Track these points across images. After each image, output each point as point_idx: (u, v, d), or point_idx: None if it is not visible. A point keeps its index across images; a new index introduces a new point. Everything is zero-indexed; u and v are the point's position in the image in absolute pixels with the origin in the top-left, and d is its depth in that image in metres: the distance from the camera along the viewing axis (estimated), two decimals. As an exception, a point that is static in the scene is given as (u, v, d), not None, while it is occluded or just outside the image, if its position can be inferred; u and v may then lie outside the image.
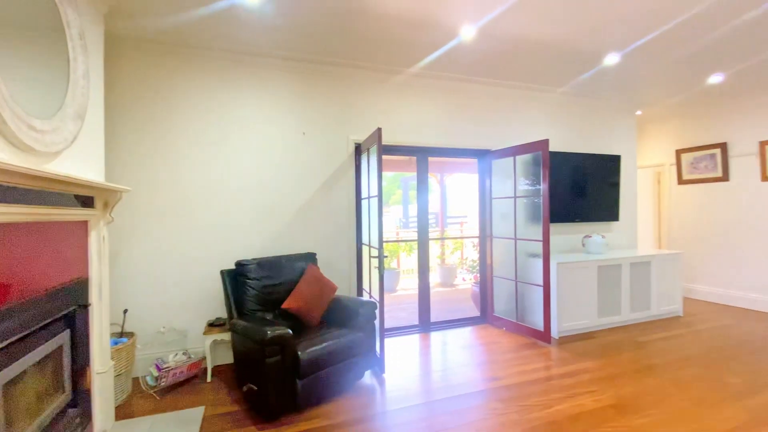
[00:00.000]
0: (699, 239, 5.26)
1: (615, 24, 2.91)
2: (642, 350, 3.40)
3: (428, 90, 3.98)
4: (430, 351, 3.50)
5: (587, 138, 4.73)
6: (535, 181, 3.91)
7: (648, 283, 4.25)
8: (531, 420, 2.30)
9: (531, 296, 3.91)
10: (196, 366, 2.89)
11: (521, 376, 2.91)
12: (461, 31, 2.99)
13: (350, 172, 3.67)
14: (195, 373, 2.91)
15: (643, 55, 3.51)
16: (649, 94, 4.72)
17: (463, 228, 8.82)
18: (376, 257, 3.01)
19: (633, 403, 2.47)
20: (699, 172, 5.24)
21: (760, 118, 4.59)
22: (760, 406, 2.40)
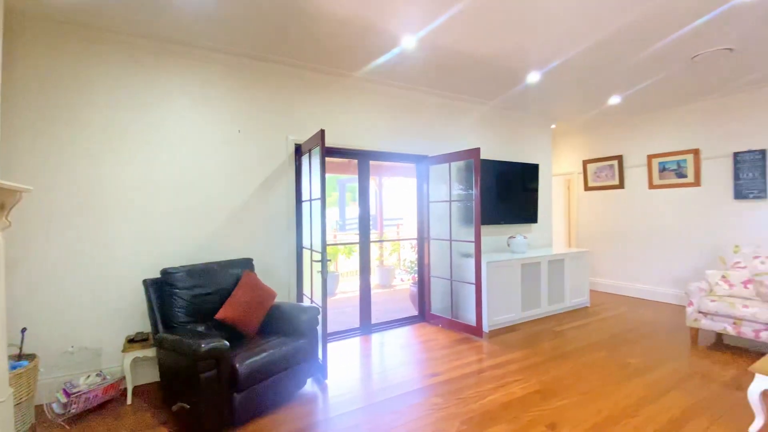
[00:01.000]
0: (601, 238, 6.03)
1: (537, 44, 3.23)
2: (559, 339, 3.80)
3: (372, 95, 4.03)
4: (371, 353, 3.53)
5: (512, 147, 5.17)
6: (468, 186, 4.17)
7: (562, 278, 4.77)
8: (468, 411, 2.44)
9: (464, 294, 4.16)
10: (114, 388, 2.58)
11: (457, 370, 3.07)
12: (402, 41, 3.09)
13: (290, 174, 3.56)
14: (112, 396, 2.59)
15: (558, 76, 3.94)
16: (563, 111, 5.32)
17: (399, 230, 9.05)
18: (318, 261, 2.97)
19: (554, 387, 2.75)
20: (601, 180, 6.02)
21: (647, 135, 5.42)
22: (654, 381, 2.83)
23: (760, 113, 4.33)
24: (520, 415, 2.38)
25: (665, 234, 5.21)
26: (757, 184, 4.32)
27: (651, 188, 5.38)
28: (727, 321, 3.35)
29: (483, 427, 2.26)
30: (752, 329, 3.21)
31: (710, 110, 4.75)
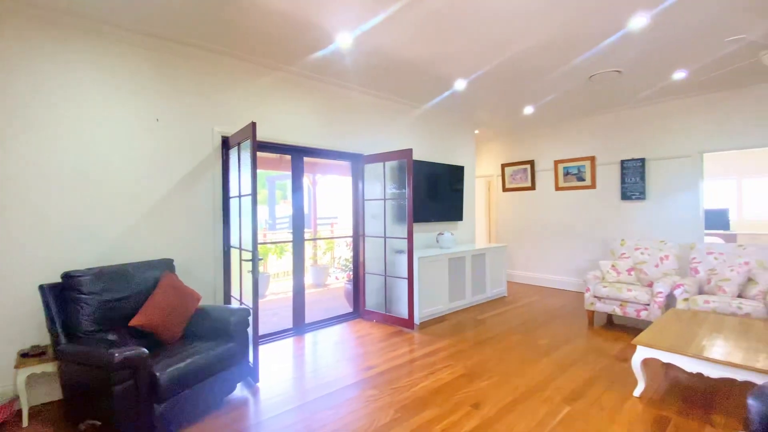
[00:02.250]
0: (517, 235, 6.66)
1: (463, 53, 3.47)
2: (481, 326, 4.13)
3: (308, 90, 3.96)
4: (305, 352, 3.48)
5: (441, 150, 5.46)
6: (401, 185, 4.31)
7: (484, 271, 5.18)
8: (401, 400, 2.54)
9: (397, 289, 4.30)
10: (6, 410, 2.20)
11: (391, 362, 3.18)
12: (338, 38, 3.10)
13: (216, 168, 3.36)
14: (5, 419, 2.21)
15: (482, 85, 4.27)
16: (485, 118, 5.77)
17: (334, 229, 8.99)
18: (249, 260, 2.85)
19: (478, 370, 2.99)
20: (516, 182, 6.64)
21: (554, 142, 6.11)
22: (560, 358, 3.22)
23: (641, 128, 5.16)
24: (449, 398, 2.55)
25: (568, 230, 5.94)
26: (638, 188, 5.14)
27: (557, 190, 6.08)
28: (616, 303, 3.95)
29: (415, 413, 2.38)
30: (634, 309, 3.82)
31: (604, 123, 5.53)
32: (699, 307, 3.40)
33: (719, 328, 2.75)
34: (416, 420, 2.30)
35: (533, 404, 2.47)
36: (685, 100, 4.76)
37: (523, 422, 2.27)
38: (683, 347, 2.39)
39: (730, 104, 4.45)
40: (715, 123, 4.56)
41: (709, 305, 3.36)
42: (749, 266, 3.58)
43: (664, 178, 4.96)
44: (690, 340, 2.50)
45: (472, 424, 2.25)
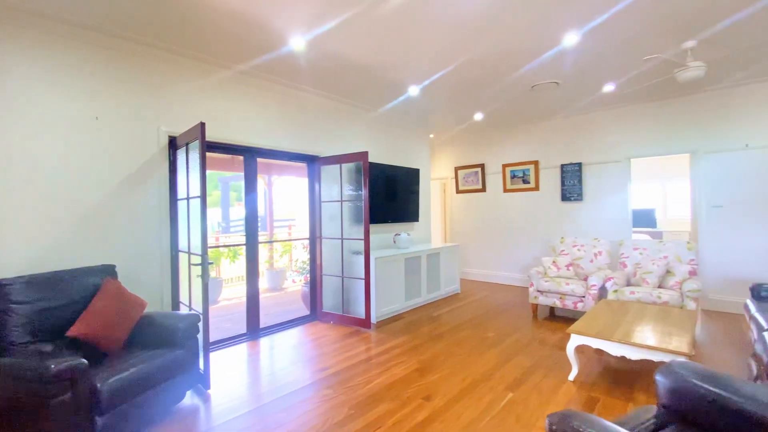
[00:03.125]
0: (469, 234, 6.96)
1: (415, 61, 3.61)
2: (435, 322, 4.29)
3: (262, 91, 3.91)
4: (259, 356, 3.44)
5: (397, 153, 5.60)
6: (358, 187, 4.38)
7: (438, 269, 5.37)
8: (356, 397, 2.60)
9: (355, 289, 4.35)
10: None
11: (347, 361, 3.23)
12: (291, 41, 3.11)
13: (162, 169, 3.23)
14: None
15: (435, 91, 4.45)
16: (439, 123, 5.99)
17: (291, 231, 8.85)
18: (198, 264, 2.78)
19: (431, 365, 3.12)
20: (469, 185, 6.95)
21: (502, 147, 6.47)
22: (506, 349, 3.44)
23: (578, 135, 5.61)
24: (402, 393, 2.65)
25: (515, 229, 6.31)
26: (576, 190, 5.58)
27: (505, 192, 6.44)
28: (556, 296, 4.27)
29: (369, 409, 2.45)
30: (572, 301, 4.16)
31: (546, 130, 5.94)
32: (626, 298, 3.78)
33: (641, 315, 3.08)
34: (370, 415, 2.37)
35: (479, 393, 2.63)
36: (615, 110, 5.25)
37: (469, 410, 2.41)
38: (609, 334, 2.66)
39: (653, 115, 4.98)
40: (641, 132, 5.07)
41: (634, 295, 3.75)
42: (668, 260, 4.03)
43: (598, 181, 5.43)
44: (615, 327, 2.79)
45: (423, 416, 2.36)
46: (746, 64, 3.79)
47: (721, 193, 4.49)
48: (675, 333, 2.64)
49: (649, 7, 2.70)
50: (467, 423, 2.28)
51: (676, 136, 4.81)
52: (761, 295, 3.39)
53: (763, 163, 4.25)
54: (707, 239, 4.58)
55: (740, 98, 4.37)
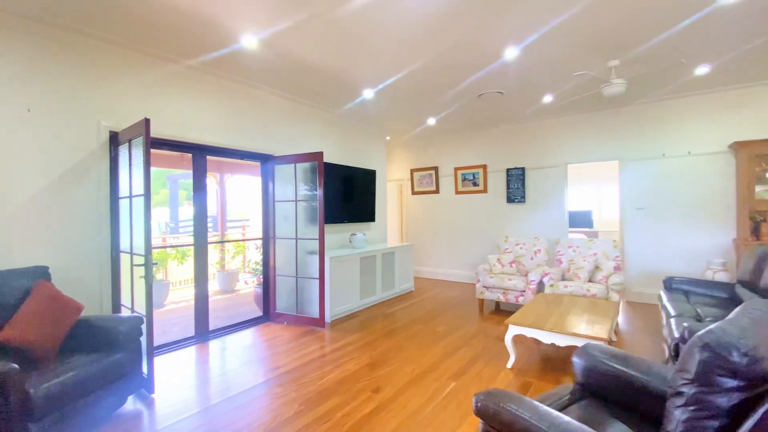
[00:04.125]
0: (424, 234, 7.20)
1: (369, 64, 3.72)
2: (388, 319, 4.42)
3: (213, 87, 3.83)
4: (208, 359, 3.37)
5: (353, 154, 5.68)
6: (313, 187, 4.40)
7: (393, 268, 5.52)
8: (307, 393, 2.66)
9: (309, 289, 4.37)
10: None
11: (299, 360, 3.26)
12: (242, 39, 3.09)
13: (102, 165, 3.08)
14: None
15: (390, 95, 4.58)
16: (395, 126, 6.14)
17: (245, 231, 8.62)
18: (142, 265, 2.69)
19: (382, 359, 3.24)
20: (423, 186, 7.18)
21: (454, 151, 6.76)
22: (452, 342, 3.64)
23: (522, 141, 6.01)
24: (351, 387, 2.74)
25: (466, 229, 6.63)
26: (520, 192, 5.98)
27: (457, 194, 6.75)
28: (500, 291, 4.57)
29: (319, 404, 2.51)
30: (514, 296, 4.47)
31: (493, 136, 6.30)
32: (560, 291, 4.13)
33: (572, 307, 3.40)
34: (320, 410, 2.44)
35: (425, 383, 2.78)
36: (554, 119, 5.70)
37: (415, 400, 2.55)
38: (542, 324, 2.93)
39: (586, 125, 5.46)
40: (576, 140, 5.54)
41: (567, 289, 4.11)
42: (597, 256, 4.45)
43: (539, 185, 5.86)
44: (548, 318, 3.07)
45: (371, 407, 2.46)
46: (661, 83, 4.29)
47: (643, 197, 5.04)
48: (598, 321, 2.96)
49: (578, 29, 3.00)
50: (412, 411, 2.41)
51: (606, 144, 5.32)
52: (672, 287, 3.86)
53: (677, 170, 4.82)
54: (631, 238, 5.11)
55: (658, 113, 4.93)
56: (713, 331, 1.03)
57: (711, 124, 4.61)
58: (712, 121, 4.60)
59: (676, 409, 1.05)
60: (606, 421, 1.60)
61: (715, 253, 4.57)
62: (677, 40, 3.20)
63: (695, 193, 4.71)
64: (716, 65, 3.79)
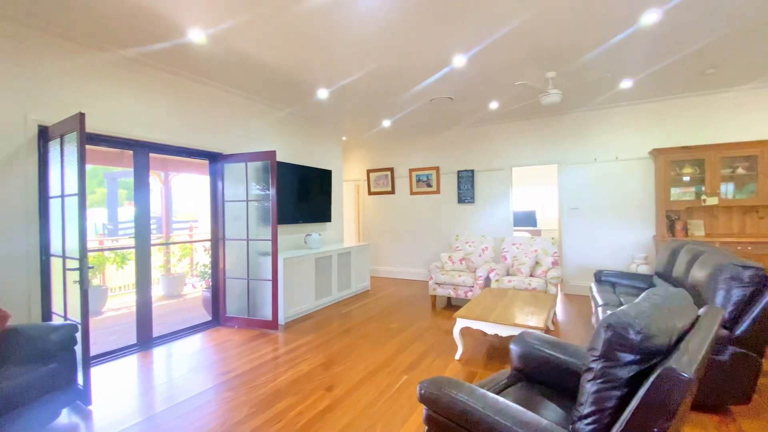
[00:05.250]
0: (380, 234, 7.31)
1: (323, 65, 3.74)
2: (344, 318, 4.46)
3: (157, 81, 3.64)
4: (152, 367, 3.21)
5: (309, 153, 5.64)
6: (266, 186, 4.33)
7: (349, 268, 5.56)
8: (258, 396, 2.63)
9: (262, 291, 4.29)
10: None
11: (251, 363, 3.21)
12: (190, 33, 2.99)
13: (30, 162, 2.83)
14: None
15: (345, 96, 4.62)
16: (351, 126, 6.19)
17: (193, 233, 8.22)
18: (76, 269, 2.52)
19: (336, 358, 3.27)
20: (380, 187, 7.29)
21: (409, 152, 6.94)
22: (405, 338, 3.75)
23: (471, 145, 6.30)
24: (305, 387, 2.75)
25: (420, 228, 6.83)
26: (470, 193, 6.27)
27: (412, 194, 6.93)
28: (451, 287, 4.77)
29: (271, 405, 2.50)
30: (464, 291, 4.69)
31: (445, 139, 6.55)
32: (504, 286, 4.41)
33: (514, 300, 3.65)
34: (272, 411, 2.43)
35: (378, 378, 2.86)
36: (500, 124, 6.04)
37: (368, 394, 2.62)
38: (486, 316, 3.12)
39: (529, 130, 5.84)
40: (520, 144, 5.92)
41: (511, 283, 4.39)
42: (537, 253, 4.79)
43: (487, 186, 6.18)
44: (492, 311, 3.27)
45: (324, 405, 2.50)
46: (593, 94, 4.72)
47: (578, 198, 5.50)
48: (536, 312, 3.21)
49: (518, 42, 3.23)
50: (365, 406, 2.48)
51: (546, 149, 5.73)
52: (601, 279, 4.26)
53: (606, 174, 5.31)
54: (568, 235, 5.55)
55: (591, 121, 5.40)
56: (616, 314, 1.19)
57: (635, 132, 5.14)
58: (635, 130, 5.13)
59: (587, 383, 1.20)
60: (537, 401, 1.77)
61: (638, 248, 5.10)
62: (605, 56, 3.55)
63: (622, 194, 5.22)
64: (637, 80, 4.24)
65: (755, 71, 4.03)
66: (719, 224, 4.64)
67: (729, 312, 2.33)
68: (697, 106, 4.78)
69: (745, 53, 3.57)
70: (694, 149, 4.55)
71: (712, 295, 2.47)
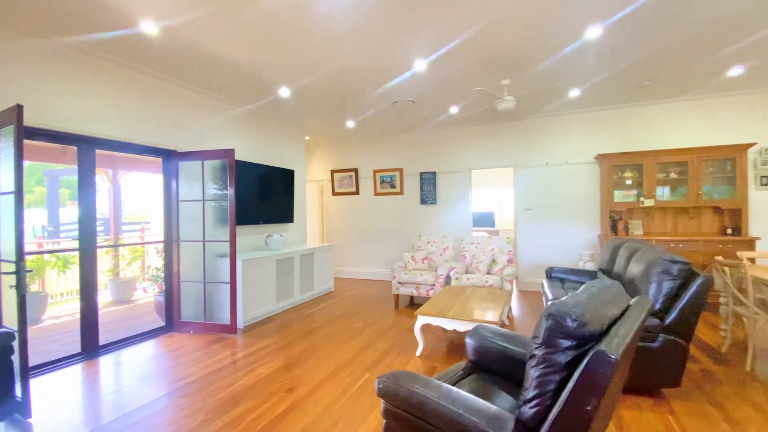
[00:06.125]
0: (345, 234, 7.30)
1: (283, 64, 3.69)
2: (307, 320, 4.42)
3: (106, 73, 3.44)
4: (99, 376, 3.02)
5: (269, 152, 5.53)
6: (224, 186, 4.20)
7: (312, 269, 5.51)
8: (215, 401, 2.55)
9: (219, 295, 4.16)
10: None
11: (207, 369, 3.10)
12: (141, 24, 2.86)
13: (-45, 159, 2.58)
14: None
15: (308, 95, 4.59)
16: (315, 126, 6.14)
17: (145, 234, 7.78)
18: (12, 273, 2.33)
19: (297, 360, 3.24)
20: (344, 187, 7.29)
21: (373, 154, 6.99)
22: (368, 337, 3.79)
23: (433, 147, 6.46)
24: (264, 390, 2.71)
25: (384, 229, 6.91)
26: (432, 195, 6.42)
27: (376, 195, 6.99)
28: (413, 286, 4.87)
29: (228, 410, 2.44)
30: (425, 289, 4.80)
31: (408, 141, 6.67)
32: (463, 283, 4.56)
33: (472, 296, 3.79)
34: (229, 416, 2.37)
35: (340, 378, 2.87)
36: (460, 128, 6.25)
37: (330, 394, 2.63)
38: (445, 312, 3.22)
39: (487, 135, 6.09)
40: (478, 148, 6.15)
41: (469, 281, 4.55)
42: (494, 252, 5.00)
43: (448, 188, 6.37)
44: (451, 307, 3.38)
45: (284, 407, 2.47)
46: (545, 102, 5.00)
47: (532, 199, 5.79)
48: (491, 308, 3.35)
49: (475, 49, 3.37)
50: (326, 405, 2.48)
51: (502, 153, 6.00)
52: (552, 276, 4.51)
53: (557, 177, 5.64)
54: (522, 235, 5.84)
55: (543, 127, 5.72)
56: (555, 304, 1.30)
57: (582, 138, 5.50)
58: (583, 136, 5.50)
59: (531, 368, 1.29)
60: (491, 390, 1.86)
61: (586, 246, 5.46)
62: (555, 66, 3.79)
63: (571, 196, 5.57)
64: (584, 89, 4.55)
65: (688, 85, 4.46)
66: (655, 224, 5.08)
67: (660, 303, 2.57)
68: (637, 115, 5.20)
69: (679, 69, 3.94)
70: (633, 155, 4.94)
71: (646, 287, 2.71)
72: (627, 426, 2.21)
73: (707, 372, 2.87)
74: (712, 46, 3.41)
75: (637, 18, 2.88)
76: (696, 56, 3.62)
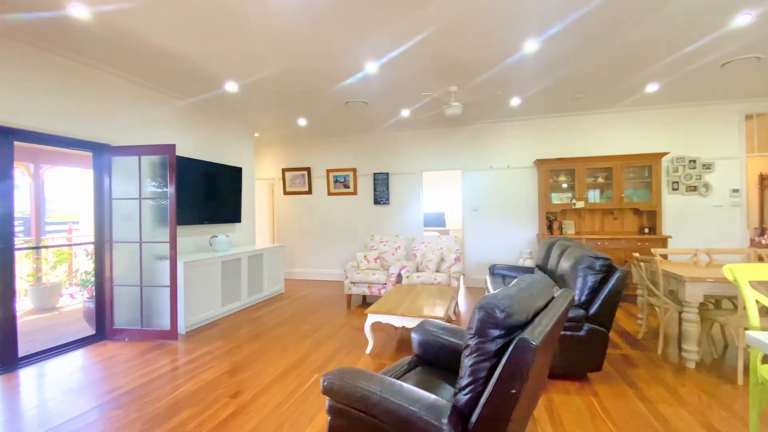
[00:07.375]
0: (296, 235, 7.18)
1: (229, 59, 3.57)
2: (254, 323, 4.30)
3: (28, 58, 3.12)
4: (18, 390, 2.73)
5: (215, 149, 5.30)
6: (164, 183, 3.96)
7: (261, 271, 5.36)
8: (152, 411, 2.42)
9: (159, 299, 3.92)
10: None
11: (144, 377, 2.92)
12: (70, 8, 2.63)
13: None
14: None
15: (257, 91, 4.46)
16: (264, 123, 5.97)
17: (72, 235, 7.09)
18: None
19: (243, 364, 3.15)
20: (296, 187, 7.16)
21: (327, 153, 6.95)
22: (318, 337, 3.77)
23: (386, 148, 6.56)
24: (207, 396, 2.61)
25: (337, 229, 6.89)
26: (385, 195, 6.52)
27: (329, 195, 6.95)
28: (366, 286, 4.91)
29: (167, 419, 2.32)
30: (378, 288, 4.86)
31: (362, 141, 6.71)
32: (414, 281, 4.69)
33: (421, 294, 3.91)
34: (168, 425, 2.26)
35: (288, 380, 2.84)
36: (411, 131, 6.41)
37: (276, 397, 2.59)
38: (394, 310, 3.30)
39: (437, 138, 6.30)
40: (429, 151, 6.35)
41: (419, 279, 4.69)
42: (442, 250, 5.20)
43: (400, 189, 6.50)
44: (400, 305, 3.47)
45: (228, 412, 2.40)
46: (489, 109, 5.28)
47: (477, 200, 6.09)
48: (438, 304, 3.49)
49: (424, 55, 3.49)
50: (273, 408, 2.45)
51: (451, 156, 6.24)
52: (494, 272, 4.78)
53: (500, 180, 5.98)
54: (469, 234, 6.11)
55: (488, 132, 6.03)
56: (486, 297, 1.40)
57: (523, 144, 5.88)
58: (524, 142, 5.88)
59: (465, 357, 1.39)
60: (434, 382, 1.95)
61: (526, 245, 5.84)
62: (497, 76, 4.02)
63: (513, 198, 5.93)
64: (524, 98, 4.87)
65: (614, 98, 4.93)
66: (586, 224, 5.56)
67: (585, 295, 2.84)
68: (570, 124, 5.66)
69: (605, 84, 4.35)
70: (567, 161, 5.38)
71: (574, 281, 2.97)
72: (556, 409, 2.41)
73: (626, 356, 3.21)
74: (635, 65, 3.81)
75: (569, 36, 3.16)
76: (620, 73, 4.03)
